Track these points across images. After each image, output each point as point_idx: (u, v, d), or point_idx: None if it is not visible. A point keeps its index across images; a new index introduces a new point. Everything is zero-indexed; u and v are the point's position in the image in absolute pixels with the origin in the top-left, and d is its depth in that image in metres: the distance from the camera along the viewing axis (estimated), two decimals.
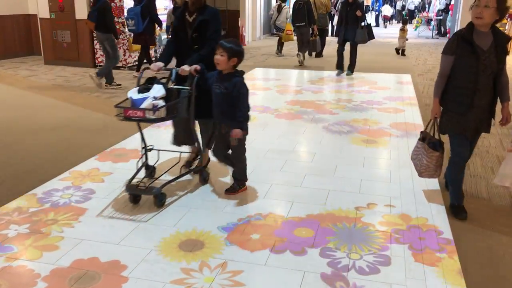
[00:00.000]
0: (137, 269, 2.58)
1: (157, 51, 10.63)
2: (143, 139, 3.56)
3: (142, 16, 8.12)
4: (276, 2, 12.63)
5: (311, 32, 10.34)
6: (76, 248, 2.79)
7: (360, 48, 9.09)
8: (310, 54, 11.43)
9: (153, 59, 10.94)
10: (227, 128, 3.36)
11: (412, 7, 25.66)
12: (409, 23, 25.02)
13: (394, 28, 24.54)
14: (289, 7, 11.87)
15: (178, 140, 3.95)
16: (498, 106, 3.24)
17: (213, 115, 3.47)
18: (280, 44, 11.96)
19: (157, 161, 3.83)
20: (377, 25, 25.08)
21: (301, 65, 10.25)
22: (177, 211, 3.28)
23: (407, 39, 12.56)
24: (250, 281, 2.50)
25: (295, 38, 10.91)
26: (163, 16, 10.88)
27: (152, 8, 8.35)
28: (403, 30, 12.46)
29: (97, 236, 2.93)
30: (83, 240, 2.88)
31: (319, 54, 11.71)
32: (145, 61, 8.66)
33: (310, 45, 10.48)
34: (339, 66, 9.17)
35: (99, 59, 9.84)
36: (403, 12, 26.33)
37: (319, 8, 11.06)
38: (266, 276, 2.55)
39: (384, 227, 3.09)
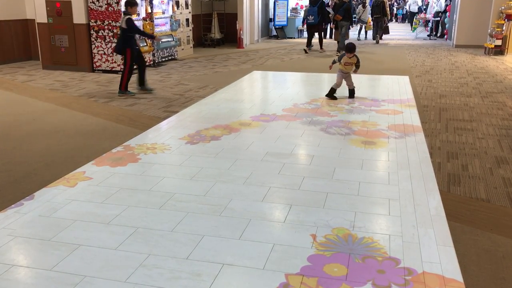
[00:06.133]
0: (135, 274, 2.57)
1: (155, 55, 10.65)
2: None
3: (317, 13, 13.16)
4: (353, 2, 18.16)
5: (383, 21, 16.26)
6: (73, 254, 2.77)
7: (358, 48, 9.09)
8: (381, 38, 16.59)
9: (150, 63, 10.96)
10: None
11: (415, 8, 24.78)
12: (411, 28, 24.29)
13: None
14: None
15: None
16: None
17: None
18: (361, 32, 18.03)
19: None
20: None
21: (377, 43, 15.99)
22: (175, 216, 3.27)
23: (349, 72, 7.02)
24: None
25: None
26: (162, 19, 10.92)
27: (324, 9, 13.45)
28: (348, 64, 6.93)
29: (94, 241, 2.92)
30: (81, 245, 2.87)
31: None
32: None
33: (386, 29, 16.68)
34: None
35: (97, 63, 9.85)
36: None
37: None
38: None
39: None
